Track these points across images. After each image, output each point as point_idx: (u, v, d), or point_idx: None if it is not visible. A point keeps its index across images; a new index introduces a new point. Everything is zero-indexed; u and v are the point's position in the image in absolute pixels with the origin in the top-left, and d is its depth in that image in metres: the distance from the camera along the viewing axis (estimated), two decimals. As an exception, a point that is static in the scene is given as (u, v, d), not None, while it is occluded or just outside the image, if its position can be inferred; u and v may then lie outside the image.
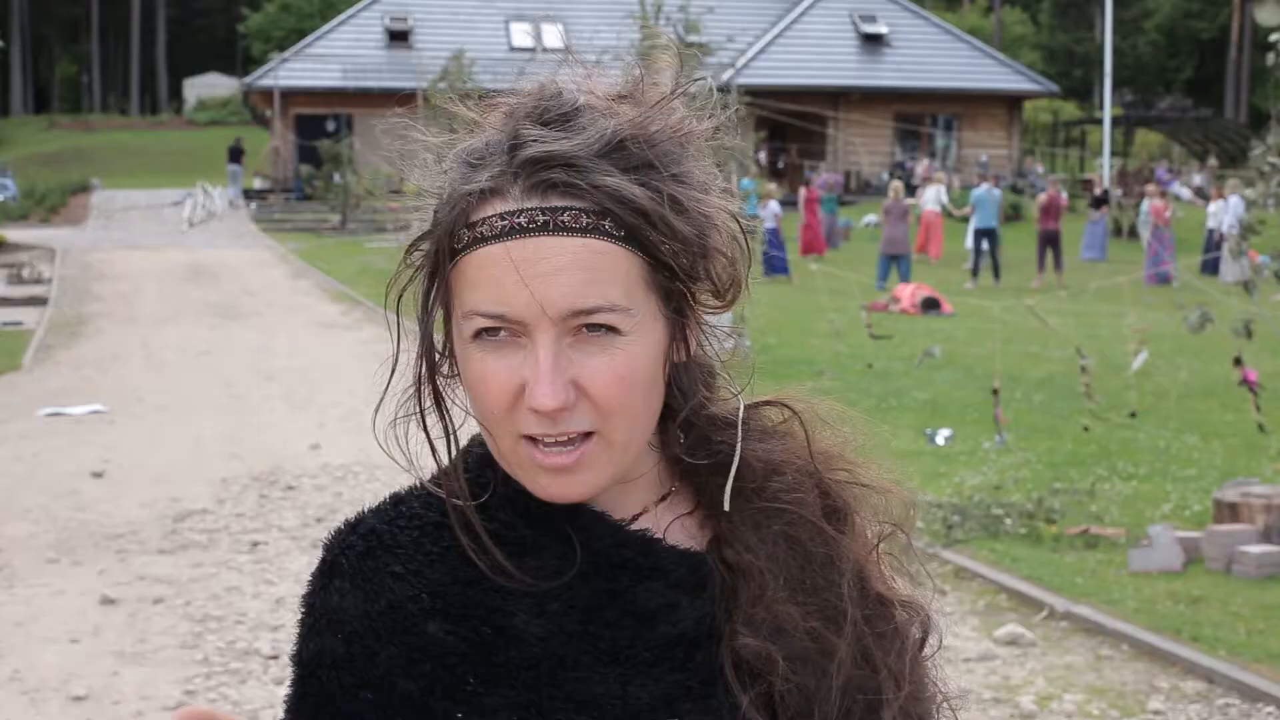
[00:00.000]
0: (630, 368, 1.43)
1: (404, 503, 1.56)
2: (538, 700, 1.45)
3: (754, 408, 1.60)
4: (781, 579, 1.51)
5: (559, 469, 1.44)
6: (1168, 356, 17.39)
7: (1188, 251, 30.87)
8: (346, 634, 1.48)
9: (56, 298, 26.22)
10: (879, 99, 50.08)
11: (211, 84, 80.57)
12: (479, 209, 1.44)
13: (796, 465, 1.57)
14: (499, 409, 1.44)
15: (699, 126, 1.53)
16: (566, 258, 1.41)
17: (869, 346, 18.46)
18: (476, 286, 1.43)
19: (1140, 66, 71.50)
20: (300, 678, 1.52)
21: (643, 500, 1.55)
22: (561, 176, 1.42)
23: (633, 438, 1.47)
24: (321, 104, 50.15)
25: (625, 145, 1.45)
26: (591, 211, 1.42)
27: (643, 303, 1.45)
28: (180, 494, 11.34)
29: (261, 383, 17.09)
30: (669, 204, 1.44)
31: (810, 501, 1.55)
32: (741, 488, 1.54)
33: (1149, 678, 7.53)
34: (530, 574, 1.49)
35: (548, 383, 1.40)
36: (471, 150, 1.49)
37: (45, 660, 7.75)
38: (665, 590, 1.50)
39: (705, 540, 1.55)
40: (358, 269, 29.80)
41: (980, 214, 30.09)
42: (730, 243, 1.51)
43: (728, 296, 1.53)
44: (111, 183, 53.75)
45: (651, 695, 1.47)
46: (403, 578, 1.49)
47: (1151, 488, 11.34)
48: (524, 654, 1.47)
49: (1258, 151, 10.82)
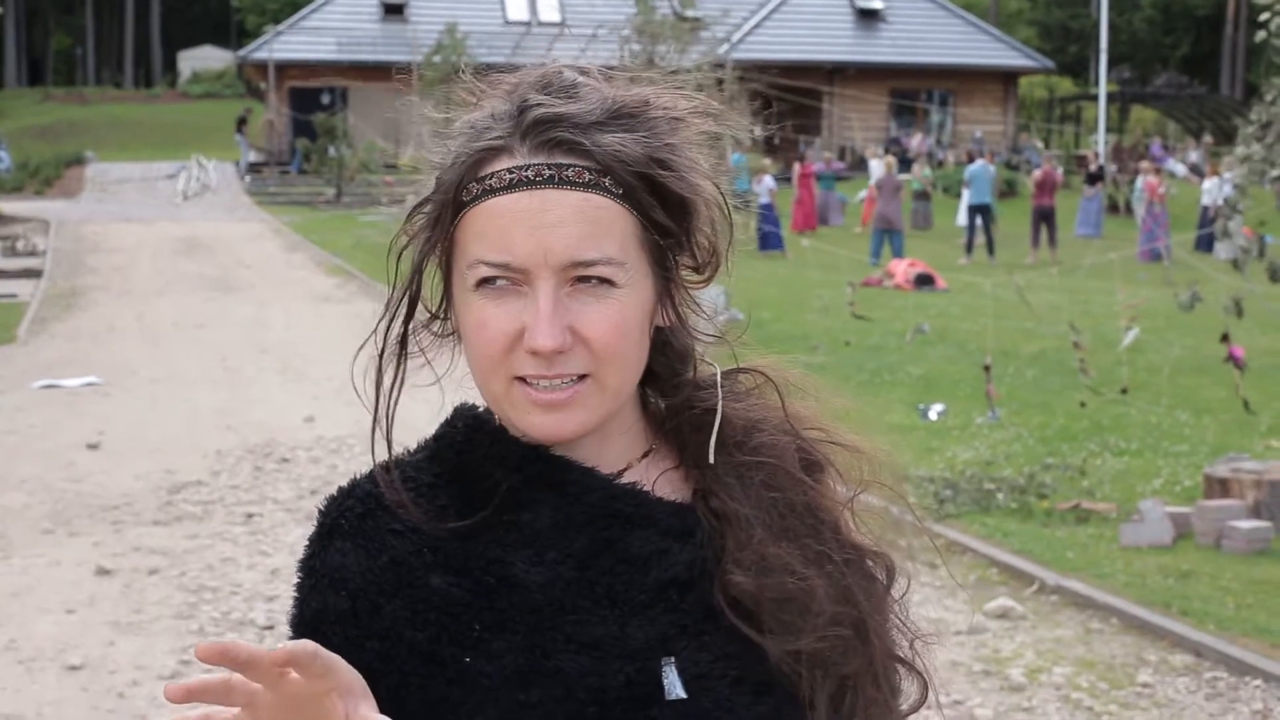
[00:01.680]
0: (624, 316, 1.52)
1: (395, 468, 1.62)
2: (541, 643, 1.51)
3: (729, 374, 1.68)
4: (766, 524, 1.59)
5: (552, 405, 1.52)
6: (1160, 333, 17.42)
7: (1182, 228, 30.89)
8: (350, 590, 1.54)
9: (51, 270, 26.20)
10: (874, 74, 49.96)
11: (206, 57, 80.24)
12: (487, 164, 1.52)
13: (774, 422, 1.66)
14: (497, 351, 1.52)
15: (691, 103, 1.61)
16: (569, 210, 1.50)
17: (857, 323, 18.49)
18: (484, 236, 1.51)
19: (1136, 43, 71.37)
20: (300, 636, 1.53)
21: (626, 456, 1.62)
22: (566, 135, 1.51)
23: (623, 383, 1.55)
24: (316, 77, 49.97)
25: (625, 113, 1.55)
26: (593, 169, 1.51)
27: (636, 259, 1.53)
28: (175, 466, 11.37)
29: (256, 355, 17.11)
30: (662, 168, 1.54)
31: (789, 454, 1.64)
32: (724, 441, 1.62)
33: (1138, 651, 7.58)
34: (526, 526, 1.55)
35: (547, 324, 1.48)
36: (477, 121, 1.57)
37: (41, 630, 7.79)
38: (656, 537, 1.58)
39: (689, 493, 1.63)
40: (352, 242, 29.78)
41: (975, 190, 30.06)
42: (711, 219, 1.60)
43: (706, 271, 1.62)
44: (106, 155, 53.59)
45: (648, 635, 1.54)
46: (403, 534, 1.56)
47: (1143, 463, 11.39)
48: (526, 600, 1.53)
49: (1249, 130, 10.87)
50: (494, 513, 1.56)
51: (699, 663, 1.53)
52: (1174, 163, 43.59)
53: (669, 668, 1.53)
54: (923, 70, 50.78)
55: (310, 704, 1.34)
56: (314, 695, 1.34)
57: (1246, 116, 11.31)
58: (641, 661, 1.52)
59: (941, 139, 49.74)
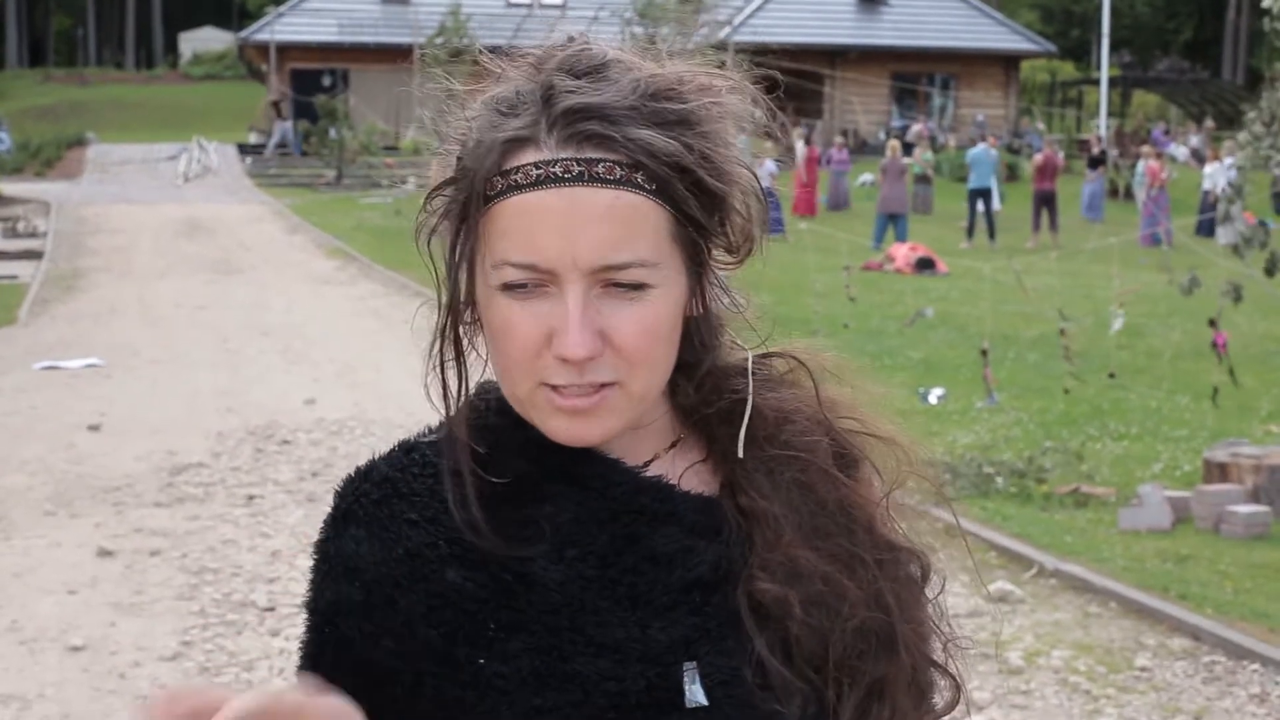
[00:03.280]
0: (656, 319, 1.45)
1: (415, 450, 1.56)
2: (559, 644, 1.46)
3: (762, 359, 1.62)
4: (795, 524, 1.53)
5: (577, 411, 1.46)
6: (1161, 318, 17.44)
7: (1183, 213, 30.87)
8: (365, 582, 1.49)
9: (52, 252, 26.19)
10: (876, 58, 49.92)
11: (207, 38, 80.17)
12: (513, 157, 1.44)
13: (806, 414, 1.59)
14: (525, 356, 1.45)
15: (724, 84, 1.53)
16: (600, 209, 1.42)
17: (857, 307, 18.50)
18: (508, 235, 1.43)
19: (1138, 27, 71.23)
20: (317, 625, 1.53)
21: (653, 447, 1.56)
22: (597, 128, 1.43)
23: (650, 387, 1.49)
24: (317, 59, 49.93)
25: (657, 99, 1.46)
26: (625, 164, 1.43)
27: (669, 256, 1.46)
28: (176, 447, 11.39)
29: (257, 337, 17.11)
30: (698, 159, 1.46)
31: (822, 449, 1.57)
32: (754, 434, 1.56)
33: (1136, 635, 7.60)
34: (546, 520, 1.50)
35: (577, 332, 1.42)
36: (501, 99, 1.48)
37: (43, 611, 7.81)
38: (681, 535, 1.51)
39: (717, 487, 1.56)
40: (353, 224, 29.76)
41: (976, 174, 30.03)
42: (747, 201, 1.54)
43: (740, 253, 1.56)
44: (107, 137, 53.56)
45: (670, 638, 1.47)
46: (419, 525, 1.50)
47: (1142, 448, 11.41)
48: (544, 599, 1.47)
49: (1250, 115, 10.88)
50: (514, 506, 1.50)
51: (721, 669, 1.47)
52: (1175, 147, 43.55)
53: (691, 673, 1.47)
54: (924, 54, 50.73)
55: None
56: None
57: (1250, 102, 11.32)
58: (663, 666, 1.46)
59: (943, 123, 49.69)
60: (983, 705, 6.68)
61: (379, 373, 14.20)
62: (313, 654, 1.53)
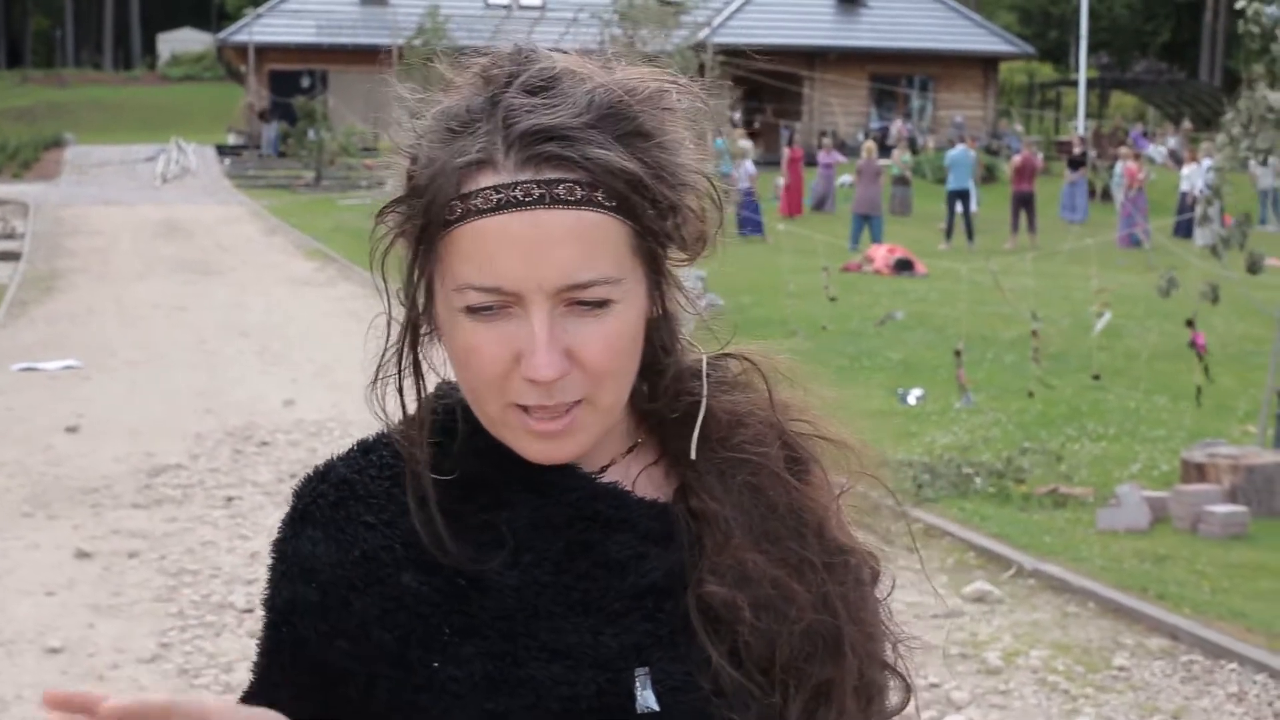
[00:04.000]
0: (620, 334, 1.45)
1: (373, 451, 1.58)
2: (512, 649, 1.47)
3: (716, 360, 1.62)
4: (746, 527, 1.53)
5: (549, 435, 1.46)
6: (1139, 319, 17.46)
7: (1161, 214, 30.95)
8: (320, 583, 1.51)
9: (30, 253, 26.10)
10: (855, 59, 49.98)
11: (185, 39, 79.98)
12: (471, 180, 1.43)
13: (759, 416, 1.59)
14: (493, 378, 1.45)
15: (675, 86, 1.53)
16: (563, 231, 1.41)
17: (836, 309, 18.51)
18: (471, 259, 1.42)
19: (1116, 29, 71.40)
20: (273, 624, 1.55)
21: (611, 452, 1.56)
22: (555, 149, 1.42)
23: (618, 400, 1.50)
24: (296, 60, 49.86)
25: (613, 114, 1.45)
26: (585, 184, 1.42)
27: (630, 270, 1.46)
28: (154, 449, 11.36)
29: (235, 339, 17.08)
30: (655, 172, 1.46)
31: (773, 452, 1.57)
32: (707, 437, 1.56)
33: (1114, 634, 7.63)
34: (505, 525, 1.50)
35: (544, 354, 1.41)
36: (451, 114, 1.47)
37: (21, 613, 7.79)
38: (635, 542, 1.52)
39: (671, 490, 1.57)
40: (332, 226, 29.72)
41: (955, 175, 30.10)
42: (701, 202, 1.53)
43: (693, 252, 1.55)
44: (85, 138, 53.43)
45: (622, 644, 1.48)
46: (375, 528, 1.51)
47: (1120, 448, 11.44)
48: (498, 604, 1.48)
49: (1228, 117, 10.92)
50: (472, 511, 1.51)
51: (673, 674, 1.48)
52: (1153, 148, 43.66)
53: (642, 678, 1.48)
54: (903, 55, 50.82)
55: None
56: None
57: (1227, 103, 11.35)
58: (614, 671, 1.47)
59: (922, 124, 49.77)
60: (961, 705, 6.69)
61: (358, 374, 14.08)
62: (269, 650, 1.56)
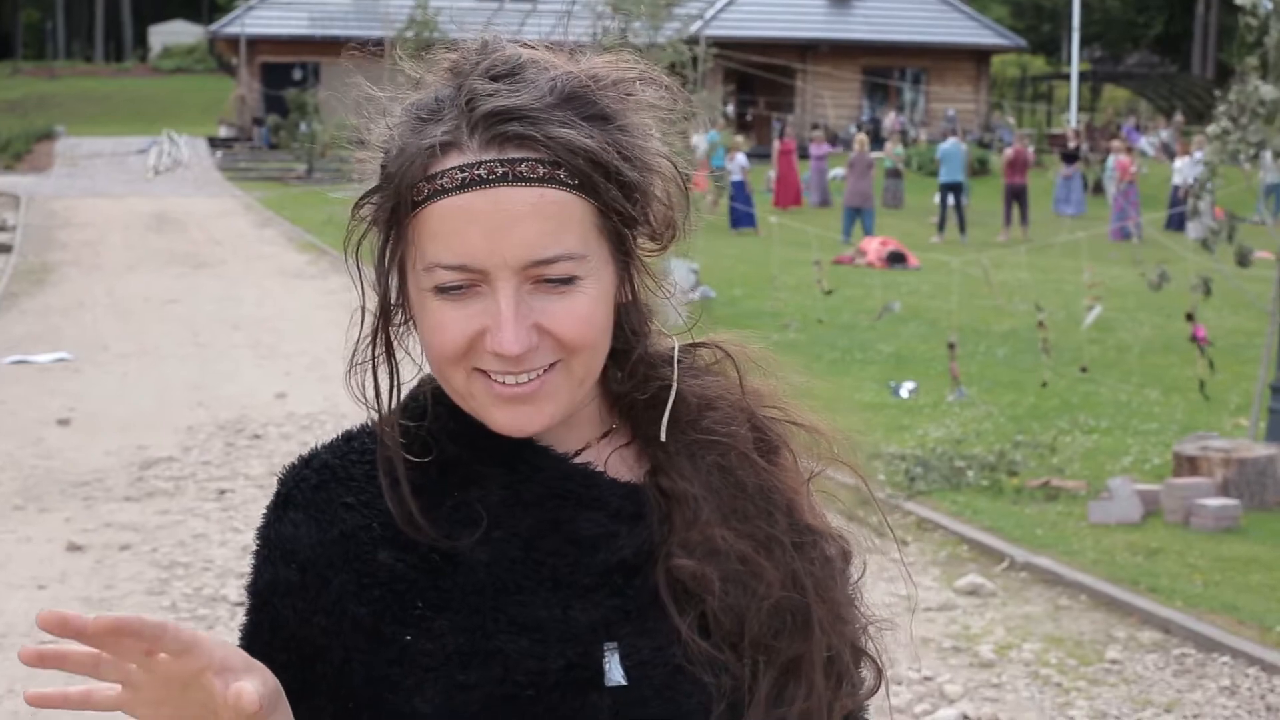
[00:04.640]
0: (589, 308, 1.49)
1: (355, 439, 1.61)
2: (483, 623, 1.51)
3: (688, 347, 1.66)
4: (715, 505, 1.56)
5: (517, 398, 1.49)
6: (1131, 312, 17.50)
7: (1153, 207, 30.98)
8: (300, 562, 1.55)
9: (21, 245, 26.05)
10: (847, 52, 49.96)
11: (177, 31, 79.83)
12: (437, 162, 1.47)
13: (729, 400, 1.63)
14: (456, 351, 1.49)
15: (639, 77, 1.57)
16: (526, 207, 1.45)
17: (829, 301, 18.52)
18: (438, 237, 1.47)
19: (1109, 22, 71.41)
20: (255, 606, 1.59)
21: (585, 436, 1.60)
22: (517, 129, 1.47)
23: (590, 370, 1.53)
24: (288, 52, 49.78)
25: (575, 97, 1.50)
26: (547, 162, 1.46)
27: (596, 248, 1.50)
28: (146, 442, 11.35)
29: (227, 331, 17.07)
30: (617, 153, 1.50)
31: (743, 435, 1.61)
32: (677, 419, 1.60)
33: (1106, 628, 7.63)
34: (478, 503, 1.54)
35: (510, 329, 1.45)
36: (421, 105, 1.53)
37: (12, 606, 7.78)
38: (605, 520, 1.55)
39: (642, 472, 1.60)
40: (324, 218, 29.62)
41: (947, 168, 30.10)
42: (668, 189, 1.56)
43: (663, 240, 1.58)
44: (76, 130, 53.30)
45: (591, 619, 1.52)
46: (354, 508, 1.55)
47: (1112, 441, 11.45)
48: (470, 579, 1.52)
49: (1220, 110, 10.92)
50: (447, 490, 1.55)
51: (641, 649, 1.52)
52: (1145, 141, 43.68)
53: (610, 652, 1.51)
54: (895, 48, 50.79)
55: (192, 684, 1.36)
56: (191, 674, 1.36)
57: (1220, 96, 11.36)
58: (583, 646, 1.51)
59: (914, 117, 49.76)
60: (954, 698, 6.70)
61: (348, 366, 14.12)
62: (250, 633, 1.60)
